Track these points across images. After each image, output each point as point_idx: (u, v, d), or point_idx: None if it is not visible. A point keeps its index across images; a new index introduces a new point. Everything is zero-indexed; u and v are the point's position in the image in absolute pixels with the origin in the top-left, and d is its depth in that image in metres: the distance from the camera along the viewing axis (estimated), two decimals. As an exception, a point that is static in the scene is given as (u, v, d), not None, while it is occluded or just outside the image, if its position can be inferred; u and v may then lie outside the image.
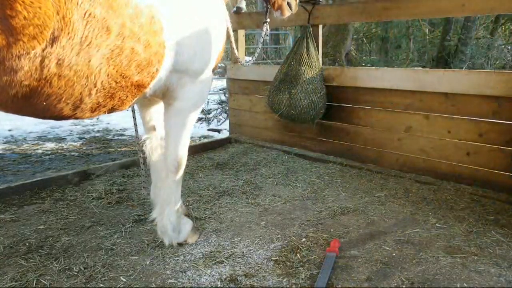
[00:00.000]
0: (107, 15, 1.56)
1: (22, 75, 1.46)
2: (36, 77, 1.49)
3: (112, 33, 1.60)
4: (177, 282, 2.00)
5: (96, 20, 1.54)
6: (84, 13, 1.50)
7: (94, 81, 1.64)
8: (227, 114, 5.92)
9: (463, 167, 3.13)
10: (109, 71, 1.66)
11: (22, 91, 1.50)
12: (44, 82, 1.52)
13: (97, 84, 1.65)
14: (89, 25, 1.52)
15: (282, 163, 3.84)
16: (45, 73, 1.50)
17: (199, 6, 2.04)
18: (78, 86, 1.61)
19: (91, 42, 1.55)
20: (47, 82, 1.52)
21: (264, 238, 2.41)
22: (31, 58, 1.44)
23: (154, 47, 1.77)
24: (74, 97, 1.63)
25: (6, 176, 3.76)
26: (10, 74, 1.44)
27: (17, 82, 1.47)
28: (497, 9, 2.97)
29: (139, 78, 1.81)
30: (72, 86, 1.59)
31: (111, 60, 1.64)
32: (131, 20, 1.64)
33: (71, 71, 1.55)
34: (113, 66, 1.66)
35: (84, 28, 1.51)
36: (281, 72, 3.85)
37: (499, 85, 2.87)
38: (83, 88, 1.63)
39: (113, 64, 1.66)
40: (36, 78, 1.49)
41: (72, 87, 1.59)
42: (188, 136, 2.24)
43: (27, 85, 1.49)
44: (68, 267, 2.11)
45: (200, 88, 2.15)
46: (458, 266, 2.09)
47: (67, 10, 1.46)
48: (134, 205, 2.67)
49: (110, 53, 1.62)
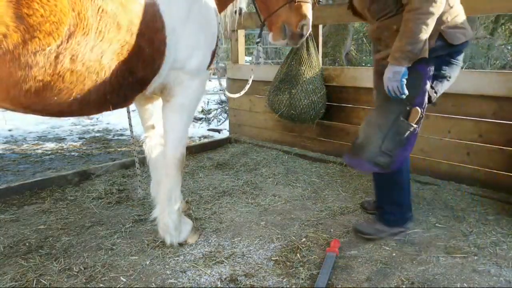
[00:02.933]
0: (118, 11, 1.62)
1: (37, 70, 1.51)
2: (50, 72, 1.54)
3: (122, 28, 1.65)
4: (177, 282, 2.00)
5: (108, 16, 1.60)
6: (97, 9, 1.56)
7: (104, 77, 1.68)
8: (227, 114, 5.92)
9: (463, 167, 3.13)
10: (118, 66, 1.70)
11: (35, 86, 1.54)
12: (57, 77, 1.56)
13: (106, 79, 1.69)
14: (102, 20, 1.58)
15: (282, 163, 3.84)
16: (58, 68, 1.54)
17: (197, 5, 2.07)
18: (89, 81, 1.65)
19: (104, 37, 1.60)
20: (60, 77, 1.57)
21: (264, 238, 2.41)
22: (46, 54, 1.49)
23: (157, 44, 1.82)
24: (84, 93, 1.67)
25: (6, 176, 3.76)
26: (25, 69, 1.49)
27: (32, 77, 1.51)
28: (497, 9, 2.97)
29: (143, 74, 1.85)
30: (83, 82, 1.63)
31: (121, 55, 1.69)
32: (137, 17, 1.70)
33: (84, 67, 1.60)
34: (122, 62, 1.71)
35: (98, 24, 1.57)
36: (281, 72, 3.85)
37: (499, 85, 2.87)
38: (93, 84, 1.67)
39: (122, 60, 1.70)
40: (50, 73, 1.54)
41: (83, 82, 1.64)
42: (187, 133, 2.26)
43: (41, 80, 1.53)
44: (68, 267, 2.11)
45: (197, 85, 2.18)
46: (458, 266, 2.09)
47: (82, 7, 1.52)
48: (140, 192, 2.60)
49: (120, 48, 1.68)
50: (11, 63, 1.45)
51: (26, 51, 1.45)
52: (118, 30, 1.64)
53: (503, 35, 9.26)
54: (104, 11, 1.58)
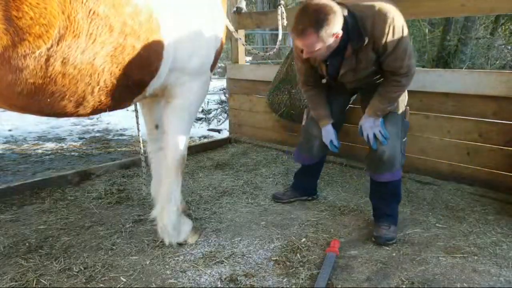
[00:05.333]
0: (110, 13, 1.59)
1: (28, 73, 1.49)
2: (41, 75, 1.52)
3: (115, 31, 1.62)
4: (177, 282, 1.99)
5: (100, 18, 1.56)
6: (88, 11, 1.52)
7: (97, 79, 1.66)
8: (227, 114, 5.91)
9: (463, 167, 3.13)
10: (112, 69, 1.68)
11: (27, 88, 1.52)
12: (49, 80, 1.54)
13: (100, 82, 1.68)
14: (93, 23, 1.55)
15: (282, 163, 3.84)
16: (50, 72, 1.53)
17: (196, 3, 2.04)
18: (82, 84, 1.64)
19: (95, 40, 1.57)
20: (52, 80, 1.55)
21: (264, 238, 2.41)
22: (36, 57, 1.47)
23: (153, 45, 1.79)
24: (77, 95, 1.66)
25: (6, 176, 3.76)
26: (16, 72, 1.47)
27: (23, 80, 1.50)
28: (497, 9, 2.97)
29: (140, 77, 1.83)
30: (76, 84, 1.62)
31: (114, 58, 1.66)
32: (131, 18, 1.67)
33: (76, 69, 1.58)
34: (116, 64, 1.68)
35: (89, 27, 1.54)
36: (281, 72, 3.85)
37: (499, 85, 2.87)
38: (86, 86, 1.65)
39: (116, 62, 1.68)
40: (41, 76, 1.52)
41: (76, 85, 1.62)
42: (188, 134, 2.25)
43: (32, 83, 1.52)
44: (68, 267, 2.11)
45: (199, 86, 2.16)
46: (458, 266, 2.09)
47: (72, 9, 1.48)
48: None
49: (113, 51, 1.65)
50: (1, 66, 1.43)
51: (16, 54, 1.42)
52: (111, 33, 1.61)
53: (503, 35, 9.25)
54: (96, 13, 1.54)
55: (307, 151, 2.68)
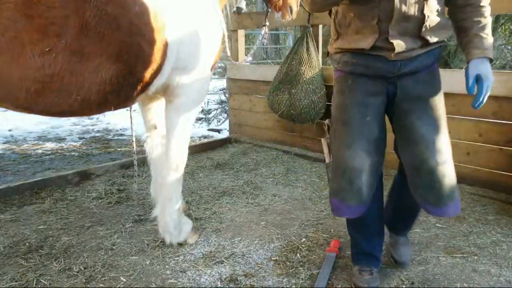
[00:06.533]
0: (117, 12, 1.63)
1: (37, 71, 1.51)
2: (50, 73, 1.54)
3: (122, 29, 1.66)
4: (177, 282, 1.99)
5: (108, 16, 1.60)
6: (97, 10, 1.57)
7: (104, 78, 1.68)
8: (227, 114, 5.91)
9: (463, 167, 3.13)
10: (118, 67, 1.71)
11: (35, 86, 1.54)
12: (57, 78, 1.56)
13: (106, 80, 1.69)
14: (101, 21, 1.58)
15: (282, 163, 3.84)
16: (58, 69, 1.55)
17: (197, 4, 2.07)
18: (89, 82, 1.65)
19: (103, 38, 1.61)
20: (60, 78, 1.57)
21: (264, 238, 2.41)
22: (46, 54, 1.49)
23: (158, 44, 1.82)
24: (84, 93, 1.67)
25: (6, 176, 3.76)
26: (25, 70, 1.49)
27: (31, 78, 1.52)
28: (497, 9, 2.97)
29: (144, 75, 1.85)
30: (82, 83, 1.64)
31: (120, 56, 1.69)
32: (137, 17, 1.70)
33: (83, 67, 1.60)
34: (122, 62, 1.71)
35: (97, 25, 1.58)
36: (281, 72, 3.85)
37: (499, 85, 2.86)
38: (93, 85, 1.67)
39: (122, 61, 1.70)
40: (49, 74, 1.54)
41: (82, 83, 1.64)
42: (189, 133, 2.26)
43: (41, 81, 1.54)
44: (68, 267, 2.11)
45: (200, 85, 2.18)
46: (458, 266, 2.09)
47: (81, 8, 1.53)
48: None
49: (119, 49, 1.68)
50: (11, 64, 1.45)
51: (27, 52, 1.45)
52: (118, 31, 1.65)
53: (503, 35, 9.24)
54: (105, 12, 1.58)
55: (353, 196, 1.78)
